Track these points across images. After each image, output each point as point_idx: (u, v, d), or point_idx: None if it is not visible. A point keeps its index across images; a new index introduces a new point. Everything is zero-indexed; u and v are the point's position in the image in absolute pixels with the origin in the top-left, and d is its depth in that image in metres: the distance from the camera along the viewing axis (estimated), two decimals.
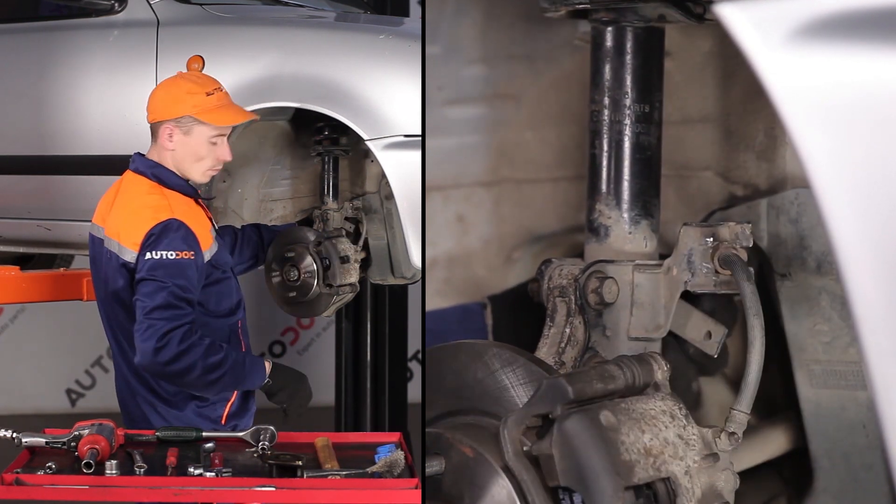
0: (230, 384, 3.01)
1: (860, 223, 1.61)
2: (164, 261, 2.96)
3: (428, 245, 3.26)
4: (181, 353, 2.90)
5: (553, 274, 2.79)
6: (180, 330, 2.91)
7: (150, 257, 2.96)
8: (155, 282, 2.95)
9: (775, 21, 1.66)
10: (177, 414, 3.07)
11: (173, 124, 3.07)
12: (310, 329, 7.82)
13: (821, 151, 1.64)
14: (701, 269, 2.59)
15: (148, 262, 2.96)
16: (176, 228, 2.99)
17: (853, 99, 1.62)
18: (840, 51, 1.62)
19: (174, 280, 2.95)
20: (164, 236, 2.97)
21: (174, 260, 2.96)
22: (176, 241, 2.97)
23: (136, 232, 2.99)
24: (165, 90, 3.15)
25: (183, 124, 3.08)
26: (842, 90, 1.63)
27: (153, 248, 2.96)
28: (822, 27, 1.63)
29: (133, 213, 3.04)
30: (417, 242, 3.27)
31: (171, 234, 2.97)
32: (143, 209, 3.03)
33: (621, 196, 2.76)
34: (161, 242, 2.97)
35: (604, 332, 2.71)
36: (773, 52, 1.66)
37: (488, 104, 3.24)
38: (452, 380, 2.52)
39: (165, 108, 3.10)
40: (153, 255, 2.96)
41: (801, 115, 1.65)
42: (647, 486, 2.33)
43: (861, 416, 2.89)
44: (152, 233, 2.98)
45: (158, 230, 2.98)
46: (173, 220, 2.99)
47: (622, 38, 2.74)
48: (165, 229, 2.98)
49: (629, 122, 2.74)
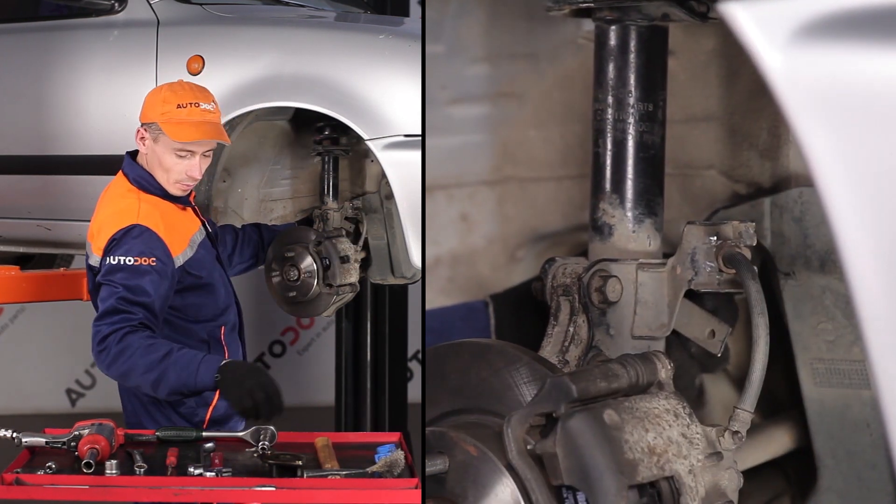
0: (176, 382, 2.83)
1: (864, 221, 1.61)
2: (120, 265, 2.94)
3: (431, 244, 3.26)
4: (118, 355, 2.84)
5: (557, 273, 2.79)
6: (120, 332, 2.85)
7: (108, 262, 2.95)
8: (108, 286, 2.93)
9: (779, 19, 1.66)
10: (164, 412, 3.06)
11: (144, 128, 3.07)
12: (310, 329, 7.82)
13: (825, 150, 1.64)
14: (705, 267, 2.59)
15: (106, 266, 2.95)
16: (137, 234, 2.96)
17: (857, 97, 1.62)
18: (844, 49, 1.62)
19: (127, 283, 2.91)
20: (123, 242, 2.96)
21: (131, 265, 2.93)
22: (136, 246, 2.95)
23: (103, 236, 3.00)
24: (151, 94, 3.15)
25: (152, 131, 3.06)
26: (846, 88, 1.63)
27: (112, 253, 2.95)
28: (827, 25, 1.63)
29: (105, 217, 3.04)
30: (417, 242, 3.27)
31: (130, 240, 2.95)
32: (112, 214, 3.03)
33: (625, 195, 2.76)
34: (120, 248, 2.95)
35: (607, 331, 2.71)
36: (777, 51, 1.66)
37: (492, 103, 3.24)
38: (456, 378, 2.52)
39: (143, 110, 3.10)
40: (111, 260, 2.94)
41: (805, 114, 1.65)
42: (651, 485, 2.33)
43: (865, 414, 2.89)
44: (114, 238, 2.97)
45: (119, 235, 2.96)
46: (136, 225, 2.96)
47: (626, 37, 2.74)
48: (126, 234, 2.96)
49: (633, 120, 2.74)
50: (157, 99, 3.08)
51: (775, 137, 3.03)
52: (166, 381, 2.83)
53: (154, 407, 3.07)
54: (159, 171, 3.07)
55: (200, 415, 3.09)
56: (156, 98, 3.09)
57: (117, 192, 3.09)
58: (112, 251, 2.95)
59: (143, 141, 3.07)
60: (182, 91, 3.11)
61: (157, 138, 3.05)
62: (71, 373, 7.68)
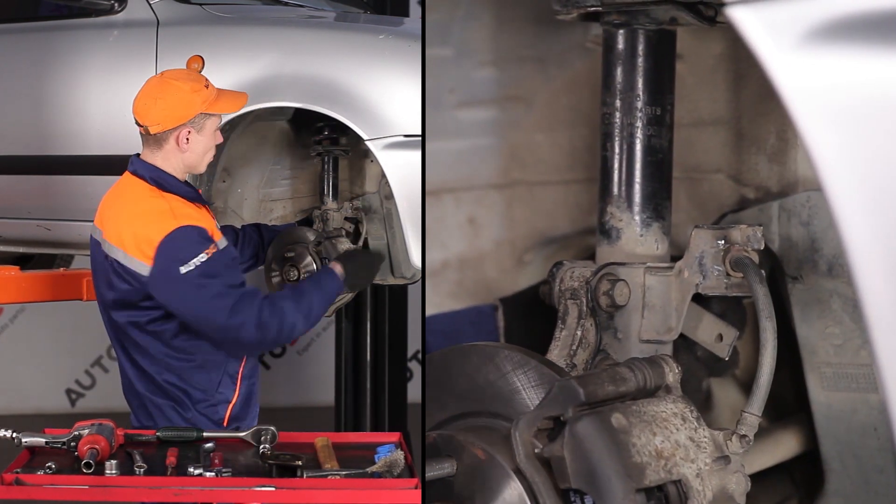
0: (322, 308, 3.18)
1: (872, 225, 1.61)
2: (199, 268, 2.95)
3: (440, 247, 3.26)
4: (280, 321, 3.00)
5: (564, 276, 2.79)
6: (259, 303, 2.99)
7: (185, 271, 2.94)
8: (209, 290, 2.96)
9: (787, 24, 1.66)
10: (182, 414, 3.07)
11: (189, 126, 3.07)
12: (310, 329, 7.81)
13: (832, 154, 1.64)
14: (712, 271, 2.59)
15: (186, 277, 2.95)
16: (188, 233, 2.98)
17: (864, 101, 1.62)
18: (851, 53, 1.62)
19: (220, 277, 2.98)
20: (182, 245, 2.97)
21: (207, 260, 2.96)
22: (195, 245, 2.97)
23: (144, 242, 2.98)
24: (167, 98, 3.09)
25: (196, 123, 3.08)
26: (853, 92, 1.63)
27: (181, 263, 2.95)
28: (833, 30, 1.64)
29: (136, 221, 3.02)
30: (417, 242, 3.27)
31: (185, 239, 2.97)
32: (146, 217, 3.02)
33: (633, 198, 2.76)
34: (184, 252, 2.96)
35: (615, 335, 2.71)
36: (784, 55, 1.66)
37: (500, 107, 3.24)
38: (464, 382, 2.52)
39: (176, 114, 3.07)
40: (188, 269, 2.95)
41: (813, 118, 1.65)
42: (659, 489, 2.33)
43: (872, 418, 2.89)
44: (165, 246, 2.96)
45: (171, 242, 2.96)
46: (178, 229, 2.97)
47: (634, 41, 2.75)
48: (178, 238, 2.97)
49: (641, 124, 2.74)
50: (185, 93, 3.08)
51: (783, 141, 3.03)
52: (316, 313, 3.14)
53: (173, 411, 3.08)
54: (204, 157, 3.14)
55: (220, 412, 3.11)
56: (181, 94, 3.07)
57: (141, 194, 3.08)
58: (178, 260, 2.95)
59: (188, 140, 3.08)
60: (192, 76, 3.18)
61: (202, 127, 3.09)
62: (71, 373, 7.70)
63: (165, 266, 2.95)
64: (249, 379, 3.18)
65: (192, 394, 3.07)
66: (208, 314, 2.97)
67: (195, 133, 3.08)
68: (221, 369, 3.11)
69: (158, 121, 3.06)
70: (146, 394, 3.09)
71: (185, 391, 3.06)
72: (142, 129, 3.10)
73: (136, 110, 3.10)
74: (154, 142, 3.09)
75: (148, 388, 3.08)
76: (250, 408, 3.20)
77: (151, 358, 3.07)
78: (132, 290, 3.01)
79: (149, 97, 3.10)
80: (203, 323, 2.99)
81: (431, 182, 3.18)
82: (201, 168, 3.17)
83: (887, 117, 1.60)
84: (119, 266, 3.01)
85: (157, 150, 3.09)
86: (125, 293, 3.03)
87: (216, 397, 3.10)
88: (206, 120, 3.09)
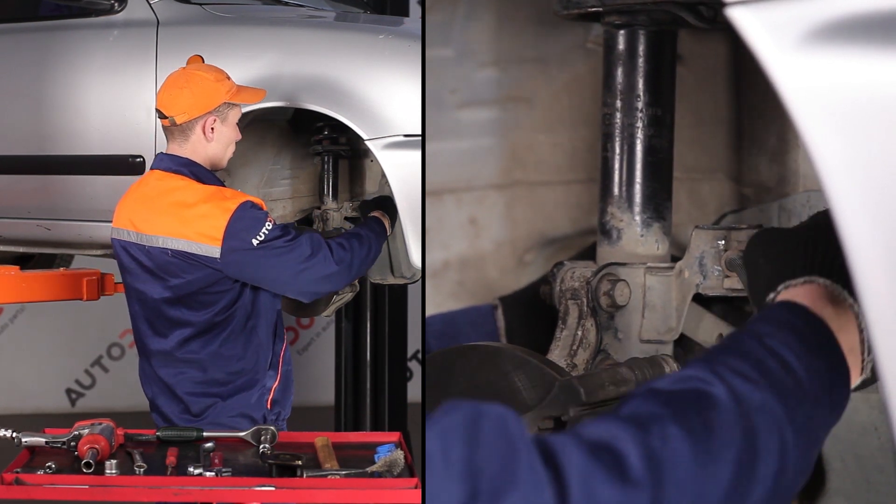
0: (378, 247, 3.35)
1: (872, 226, 1.61)
2: (271, 233, 3.04)
3: (440, 248, 3.26)
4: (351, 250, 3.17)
5: (565, 276, 2.80)
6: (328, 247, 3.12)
7: (258, 243, 3.03)
8: (285, 249, 3.05)
9: (787, 24, 1.67)
10: (224, 405, 3.10)
11: (214, 116, 3.10)
12: (310, 329, 7.82)
13: (833, 154, 1.64)
14: (713, 271, 2.59)
15: (262, 246, 3.03)
16: (248, 207, 3.06)
17: (865, 102, 1.62)
18: (852, 54, 1.62)
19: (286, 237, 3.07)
20: (245, 221, 3.04)
21: (273, 227, 3.06)
22: (259, 216, 3.06)
23: (209, 226, 3.03)
24: (192, 87, 3.15)
25: (221, 112, 3.12)
26: (854, 93, 1.63)
27: (253, 236, 3.03)
28: (834, 30, 1.64)
29: (192, 209, 3.07)
30: (417, 242, 3.27)
31: (248, 215, 3.05)
32: (203, 203, 3.07)
33: (633, 199, 2.76)
34: (253, 226, 3.04)
35: (616, 335, 2.72)
36: (785, 56, 1.66)
37: (501, 107, 3.25)
38: (464, 382, 2.53)
39: (202, 102, 3.12)
40: (260, 239, 3.03)
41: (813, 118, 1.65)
42: None
43: (873, 418, 2.89)
44: (234, 225, 3.02)
45: (238, 220, 3.03)
46: (238, 207, 3.05)
47: (635, 42, 2.75)
48: (242, 216, 3.04)
49: (641, 125, 2.74)
50: (210, 82, 3.15)
51: (783, 142, 3.03)
52: (376, 250, 3.32)
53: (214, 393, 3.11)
54: (227, 148, 3.20)
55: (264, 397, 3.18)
56: (206, 84, 3.14)
57: (180, 185, 3.12)
58: (247, 233, 3.04)
59: (213, 129, 3.12)
60: (213, 69, 3.23)
61: (225, 117, 3.16)
62: (71, 373, 7.70)
63: (238, 242, 3.03)
64: (287, 364, 3.24)
65: (239, 381, 3.10)
66: (292, 267, 3.06)
67: (220, 123, 3.12)
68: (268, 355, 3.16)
69: (185, 109, 3.11)
70: (184, 395, 3.12)
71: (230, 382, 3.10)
72: (166, 122, 3.14)
73: (162, 101, 3.14)
74: (180, 133, 3.13)
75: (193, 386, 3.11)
76: (288, 392, 3.26)
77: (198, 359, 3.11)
78: (198, 280, 3.03)
79: (175, 87, 3.15)
80: (287, 279, 3.09)
81: (432, 182, 3.18)
82: (223, 162, 3.22)
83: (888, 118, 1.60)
84: (182, 255, 3.03)
85: (184, 142, 3.13)
86: (189, 284, 3.04)
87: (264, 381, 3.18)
88: (229, 110, 3.14)
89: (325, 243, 3.13)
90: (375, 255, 3.32)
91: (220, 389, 3.13)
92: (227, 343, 3.12)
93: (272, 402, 3.19)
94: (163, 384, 3.17)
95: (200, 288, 3.07)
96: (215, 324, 3.10)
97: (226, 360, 3.12)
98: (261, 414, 3.14)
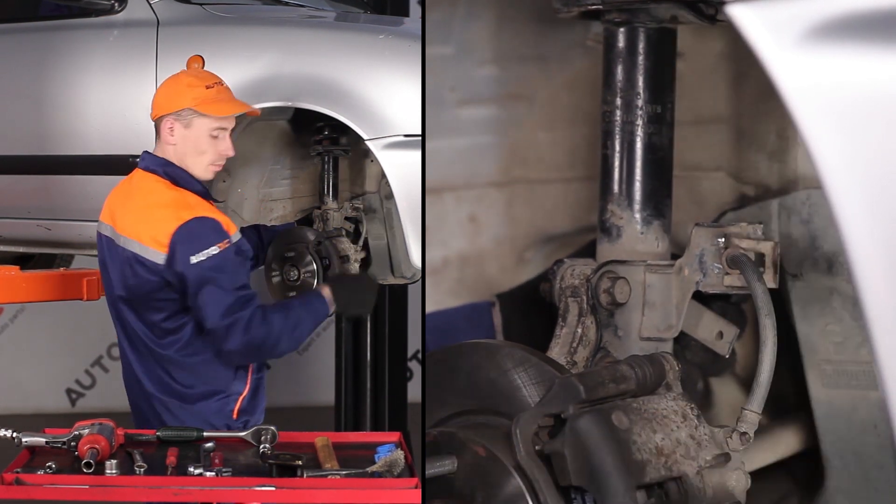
0: (310, 327, 3.16)
1: (872, 223, 1.62)
2: (209, 260, 2.97)
3: (440, 245, 3.26)
4: (268, 331, 3.01)
5: (565, 274, 2.80)
6: (252, 311, 3.00)
7: (196, 261, 2.96)
8: (212, 285, 2.97)
9: (787, 22, 1.67)
10: (190, 410, 3.08)
11: (174, 118, 3.08)
12: None
13: (832, 152, 1.64)
14: (712, 269, 2.60)
15: (195, 266, 2.97)
16: (203, 223, 3.00)
17: (865, 99, 1.62)
18: (851, 52, 1.63)
19: (226, 274, 2.99)
20: (191, 234, 2.98)
21: (218, 254, 2.98)
22: (208, 236, 2.99)
23: (160, 231, 2.99)
24: (166, 86, 3.16)
25: (183, 117, 3.08)
26: (853, 91, 1.63)
27: (192, 252, 2.97)
28: (834, 28, 1.64)
29: (152, 212, 3.04)
30: (417, 242, 3.27)
31: (198, 230, 2.99)
32: (162, 208, 3.03)
33: (633, 196, 2.76)
34: (197, 242, 2.97)
35: (615, 333, 2.72)
36: (784, 53, 1.66)
37: (501, 105, 3.25)
38: (465, 379, 2.53)
39: (166, 102, 3.11)
40: (198, 259, 2.97)
41: (813, 116, 1.66)
42: (659, 486, 2.33)
43: (872, 416, 2.89)
44: (180, 234, 2.97)
45: (186, 231, 2.98)
46: (194, 218, 2.99)
47: (634, 39, 2.75)
48: (194, 228, 2.99)
49: (641, 122, 2.75)
50: (182, 85, 3.11)
51: (783, 139, 3.04)
52: (302, 329, 3.12)
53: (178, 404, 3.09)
54: (193, 157, 3.11)
55: (231, 405, 3.13)
56: (177, 86, 3.11)
57: (155, 187, 3.09)
58: (189, 249, 2.97)
59: (172, 131, 3.09)
60: (201, 75, 3.18)
61: (189, 123, 3.08)
62: (71, 373, 7.69)
63: (178, 254, 2.97)
64: (258, 373, 3.19)
65: (203, 388, 3.08)
66: (205, 308, 2.98)
67: (181, 127, 3.08)
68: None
69: (153, 106, 3.16)
70: (156, 393, 3.10)
71: (194, 386, 3.08)
72: None
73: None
74: (155, 131, 3.13)
75: (157, 387, 3.09)
76: (258, 402, 3.21)
77: (162, 356, 3.08)
78: (147, 283, 3.02)
79: (161, 84, 3.18)
80: (198, 315, 3.01)
81: (432, 180, 3.18)
82: (196, 170, 3.12)
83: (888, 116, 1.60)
84: (134, 257, 3.02)
85: (157, 140, 3.13)
86: (139, 286, 3.04)
87: (230, 388, 3.12)
88: (194, 118, 3.08)
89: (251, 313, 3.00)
90: (301, 334, 3.14)
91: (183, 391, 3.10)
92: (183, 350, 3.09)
93: (239, 412, 3.14)
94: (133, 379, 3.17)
95: (149, 292, 3.05)
96: (167, 330, 3.08)
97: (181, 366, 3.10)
98: (223, 423, 3.10)
